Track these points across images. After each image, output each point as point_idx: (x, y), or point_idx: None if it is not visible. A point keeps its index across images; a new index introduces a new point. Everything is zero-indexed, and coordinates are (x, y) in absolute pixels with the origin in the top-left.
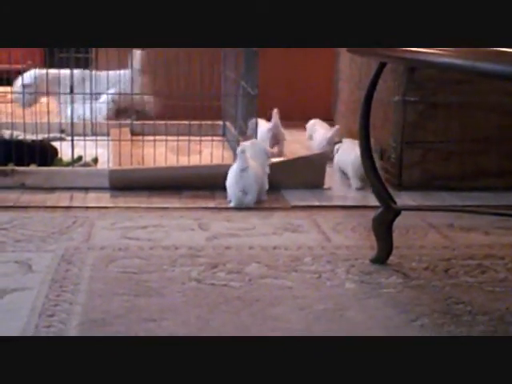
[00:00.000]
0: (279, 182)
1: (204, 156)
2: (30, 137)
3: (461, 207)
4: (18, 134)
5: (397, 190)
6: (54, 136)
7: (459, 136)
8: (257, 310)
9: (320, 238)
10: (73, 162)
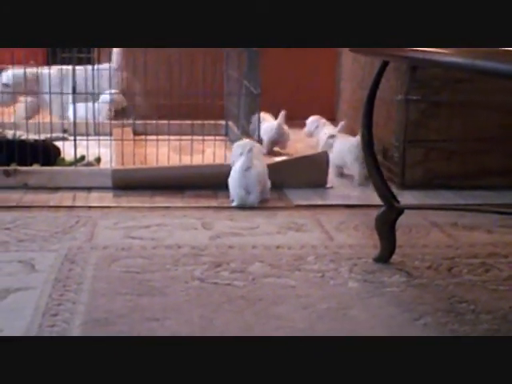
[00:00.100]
0: (282, 181)
1: (207, 155)
2: (32, 137)
3: (464, 206)
4: (20, 134)
5: (400, 188)
6: (57, 136)
7: (462, 135)
8: (260, 309)
9: (323, 237)
10: (75, 162)
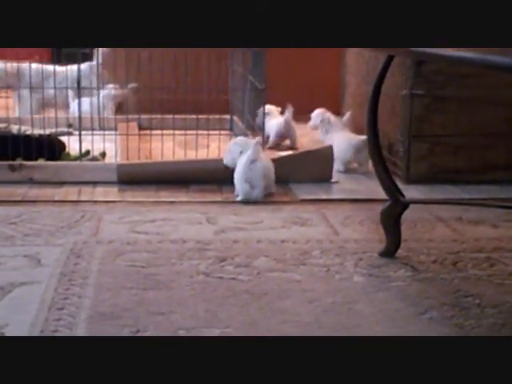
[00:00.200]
0: (287, 175)
1: (211, 150)
2: (37, 131)
3: (469, 200)
4: (25, 129)
5: (405, 183)
6: (62, 130)
7: (467, 130)
8: (265, 303)
9: (328, 231)
10: (80, 157)
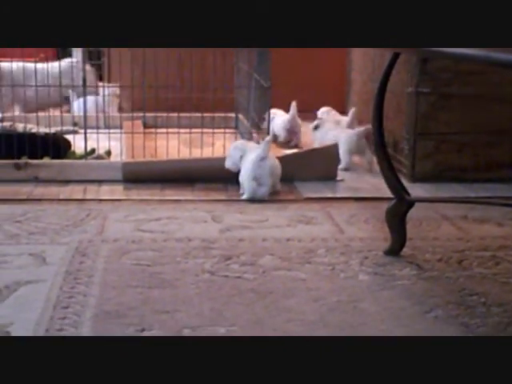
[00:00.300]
0: (292, 174)
1: (217, 148)
2: (43, 130)
3: (474, 199)
4: (31, 127)
5: (410, 181)
6: (67, 129)
7: (472, 127)
8: (270, 301)
9: (333, 229)
10: (86, 155)
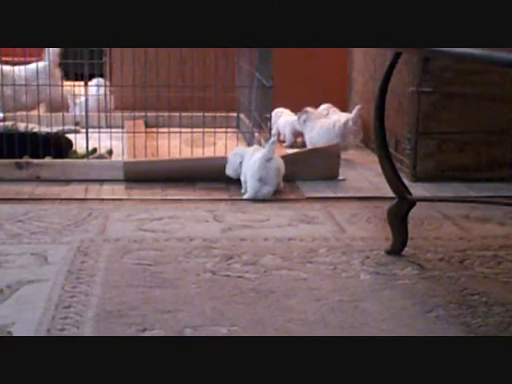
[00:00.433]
0: (294, 173)
1: (218, 148)
2: (44, 129)
3: (476, 198)
4: (32, 127)
5: (411, 181)
6: (69, 128)
7: (474, 127)
8: (272, 301)
9: (335, 229)
10: (87, 155)
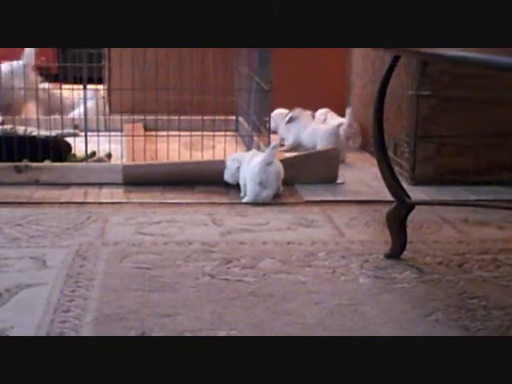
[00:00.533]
0: (293, 176)
1: (217, 151)
2: (43, 133)
3: (475, 202)
4: (31, 130)
5: (410, 184)
6: (68, 132)
7: (473, 130)
8: (271, 305)
9: (334, 232)
10: (86, 158)
